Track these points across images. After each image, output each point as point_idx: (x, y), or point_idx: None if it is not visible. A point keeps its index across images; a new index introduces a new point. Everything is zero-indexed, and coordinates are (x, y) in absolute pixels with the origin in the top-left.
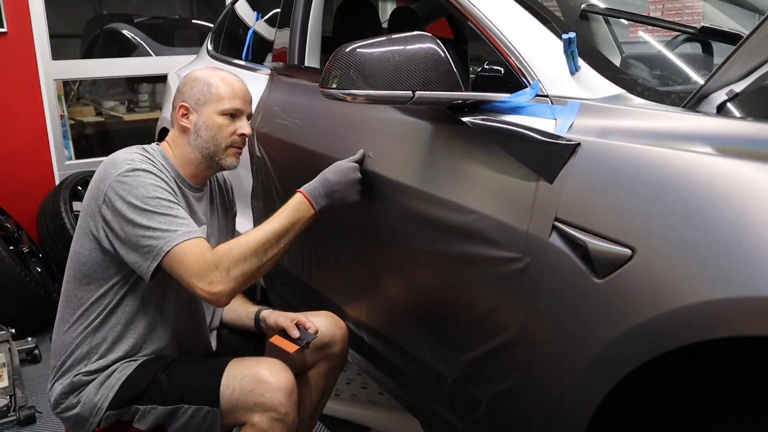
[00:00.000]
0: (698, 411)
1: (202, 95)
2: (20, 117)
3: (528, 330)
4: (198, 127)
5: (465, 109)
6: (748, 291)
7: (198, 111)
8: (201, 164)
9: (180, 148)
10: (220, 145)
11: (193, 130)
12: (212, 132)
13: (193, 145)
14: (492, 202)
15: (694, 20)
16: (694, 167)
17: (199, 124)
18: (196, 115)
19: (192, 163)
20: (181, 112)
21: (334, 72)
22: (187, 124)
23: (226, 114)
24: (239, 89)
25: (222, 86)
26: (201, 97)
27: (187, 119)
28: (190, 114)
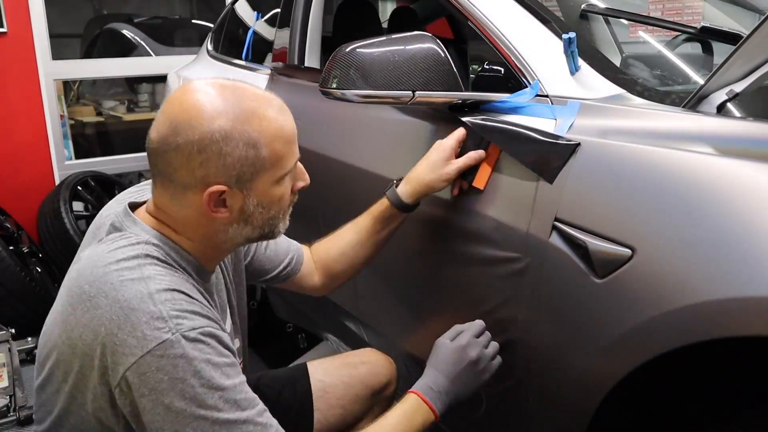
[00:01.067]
0: (698, 411)
1: (247, 164)
2: (20, 117)
3: (528, 330)
4: (248, 213)
5: (465, 109)
6: (748, 291)
7: (244, 190)
8: (238, 247)
9: (200, 238)
10: (277, 220)
11: (238, 218)
12: (272, 211)
13: (235, 236)
14: (492, 202)
15: (694, 20)
16: (694, 167)
17: (249, 209)
18: (241, 198)
19: (223, 252)
20: (212, 201)
21: (334, 72)
22: (225, 215)
23: (284, 176)
24: (290, 128)
25: (273, 137)
26: (245, 168)
27: (224, 205)
28: (227, 197)
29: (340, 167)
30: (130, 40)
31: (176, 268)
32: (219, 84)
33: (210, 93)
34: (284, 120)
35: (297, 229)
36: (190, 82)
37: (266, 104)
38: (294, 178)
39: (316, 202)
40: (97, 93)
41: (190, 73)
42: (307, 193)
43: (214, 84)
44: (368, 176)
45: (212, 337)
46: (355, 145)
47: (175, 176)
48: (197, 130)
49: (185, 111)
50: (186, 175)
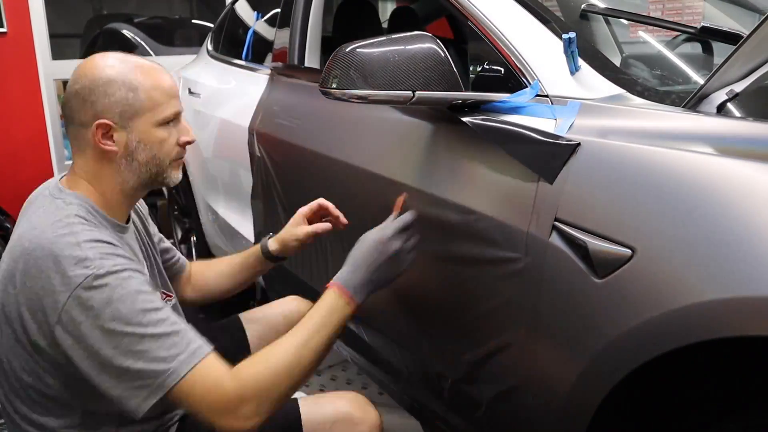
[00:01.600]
0: (698, 411)
1: (129, 104)
2: (20, 117)
3: (528, 330)
4: (131, 148)
5: (465, 109)
6: (748, 291)
7: (126, 127)
8: (137, 192)
9: (107, 182)
10: (164, 164)
11: (124, 153)
12: (153, 151)
13: (127, 172)
14: (492, 202)
15: (694, 20)
16: (694, 167)
17: (132, 144)
18: (124, 134)
19: (128, 195)
20: (100, 132)
21: (334, 72)
22: (113, 147)
23: (165, 123)
24: (171, 85)
25: (152, 87)
26: (127, 108)
27: (112, 140)
28: (114, 132)
29: (340, 167)
30: (130, 40)
31: (96, 222)
32: (116, 52)
33: (106, 56)
34: (163, 76)
35: None
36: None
37: (149, 65)
38: (180, 133)
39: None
40: None
41: (190, 73)
42: (307, 193)
43: (112, 52)
44: (368, 176)
45: (133, 271)
46: (355, 145)
47: (75, 118)
48: (89, 78)
49: (83, 68)
50: (82, 115)
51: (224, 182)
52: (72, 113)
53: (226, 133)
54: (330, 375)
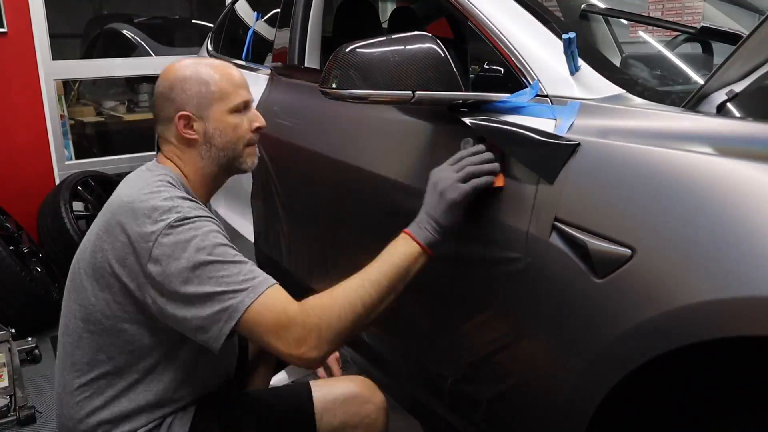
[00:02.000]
0: (698, 411)
1: (203, 97)
2: (20, 117)
3: (528, 330)
4: (209, 135)
5: (465, 109)
6: (748, 291)
7: (203, 117)
8: (218, 177)
9: (191, 165)
10: (239, 148)
11: (204, 140)
12: (228, 136)
13: (207, 158)
14: (492, 202)
15: (694, 20)
16: (694, 167)
17: (209, 131)
18: (202, 123)
19: (209, 179)
20: (181, 123)
21: (334, 72)
22: (194, 136)
23: (237, 111)
24: (239, 77)
25: (221, 79)
26: (202, 100)
27: (192, 130)
28: (193, 122)
29: (340, 167)
30: (130, 40)
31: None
32: (189, 57)
33: (181, 60)
34: (231, 70)
35: (297, 227)
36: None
37: (218, 62)
38: (250, 120)
39: (317, 201)
40: (97, 93)
41: None
42: (307, 193)
43: (188, 57)
44: (368, 176)
45: (213, 222)
46: (355, 145)
47: (161, 115)
48: (169, 80)
49: (164, 73)
50: (167, 110)
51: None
52: (158, 111)
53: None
54: None
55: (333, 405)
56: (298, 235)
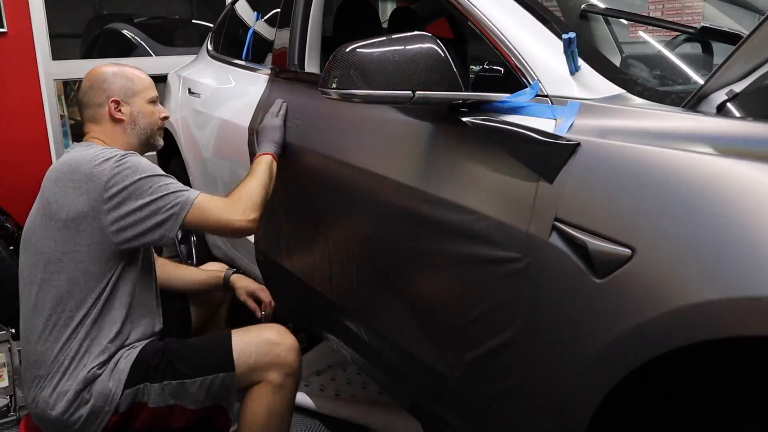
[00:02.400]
0: (698, 411)
1: (129, 88)
2: (20, 117)
3: (528, 330)
4: (134, 116)
5: (465, 109)
6: (748, 291)
7: (129, 103)
8: (138, 150)
9: (117, 140)
10: (154, 129)
11: (129, 120)
12: (147, 119)
13: (131, 134)
14: (492, 202)
15: (694, 20)
16: (694, 167)
17: (134, 113)
18: (128, 107)
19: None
20: (112, 106)
21: (334, 72)
22: (122, 116)
23: (152, 102)
24: (149, 79)
25: (142, 78)
26: (128, 90)
27: (120, 112)
28: (122, 106)
29: (340, 167)
30: (130, 40)
31: None
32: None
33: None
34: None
35: (297, 226)
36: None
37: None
38: (160, 111)
39: (317, 200)
40: None
41: (190, 73)
42: (306, 193)
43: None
44: (368, 176)
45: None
46: (355, 145)
47: (92, 103)
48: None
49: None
50: (98, 98)
51: (224, 182)
52: (89, 99)
53: (226, 133)
54: (330, 375)
55: (248, 347)
56: (297, 235)
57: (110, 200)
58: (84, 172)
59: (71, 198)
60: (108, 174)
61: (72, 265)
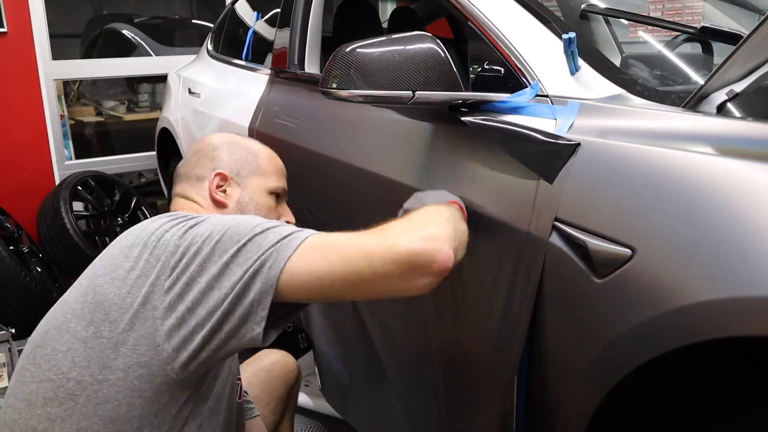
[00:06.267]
0: (698, 411)
1: (247, 164)
2: (20, 117)
3: (527, 330)
4: (243, 204)
5: (465, 109)
6: (748, 291)
7: (241, 183)
8: None
9: None
10: None
11: (235, 207)
12: (262, 212)
13: None
14: (492, 202)
15: (694, 20)
16: (694, 167)
17: (244, 200)
18: (238, 189)
19: None
20: (216, 181)
21: (334, 72)
22: (225, 199)
23: (274, 194)
24: (283, 167)
25: (270, 159)
26: (245, 167)
27: (225, 193)
28: (228, 185)
29: (340, 167)
30: (130, 40)
31: None
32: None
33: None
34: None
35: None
36: None
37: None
38: (282, 213)
39: (317, 201)
40: (97, 93)
41: (190, 73)
42: (307, 193)
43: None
44: (368, 176)
45: None
46: (355, 145)
47: (192, 174)
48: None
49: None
50: (201, 168)
51: None
52: (190, 169)
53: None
54: None
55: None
56: None
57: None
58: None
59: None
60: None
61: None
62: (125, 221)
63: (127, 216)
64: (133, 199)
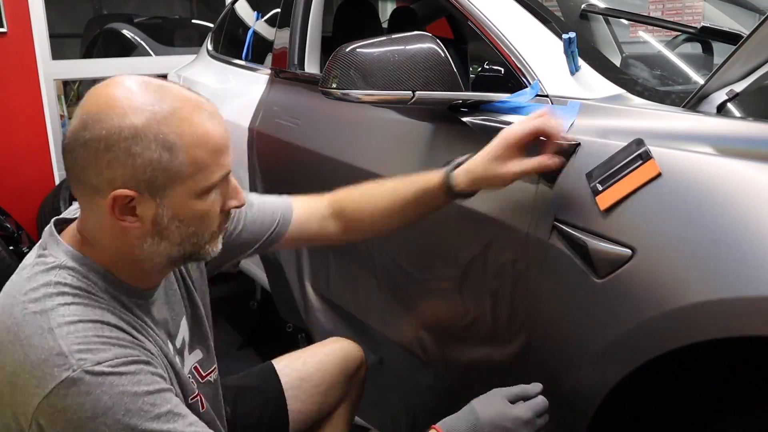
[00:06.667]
0: (698, 411)
1: (160, 169)
2: (20, 117)
3: (527, 330)
4: (162, 226)
5: (465, 109)
6: (748, 291)
7: (156, 198)
8: (164, 268)
9: (123, 258)
10: (203, 240)
11: (150, 230)
12: (191, 228)
13: (150, 252)
14: (492, 202)
15: (694, 20)
16: (694, 167)
17: (163, 221)
18: (153, 207)
19: (152, 272)
20: (117, 205)
21: (334, 72)
22: (135, 224)
23: (209, 190)
24: (218, 134)
25: (195, 143)
26: (158, 173)
27: (134, 215)
28: (136, 204)
29: (340, 167)
30: (130, 40)
31: (92, 293)
32: (143, 80)
33: (129, 87)
34: (212, 126)
35: None
36: (114, 77)
37: (192, 106)
38: (225, 196)
39: None
40: None
41: (190, 73)
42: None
43: (137, 79)
44: (368, 176)
45: (130, 364)
46: (355, 145)
47: (83, 177)
48: (105, 125)
49: (97, 104)
50: (93, 176)
51: None
52: (76, 168)
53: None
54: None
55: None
56: None
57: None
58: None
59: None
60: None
61: None
62: None
63: None
64: None
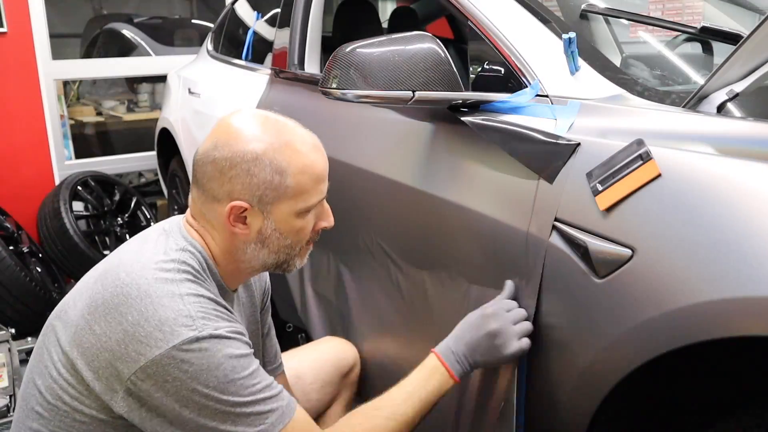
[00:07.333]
0: (698, 411)
1: (271, 188)
2: (20, 117)
3: (528, 330)
4: (265, 236)
5: (465, 109)
6: (748, 291)
7: (264, 212)
8: (255, 273)
9: (228, 255)
10: (293, 252)
11: (256, 237)
12: (288, 240)
13: (253, 257)
14: (492, 202)
15: (694, 20)
16: (694, 167)
17: (266, 231)
18: (260, 219)
19: (245, 273)
20: (233, 215)
21: (334, 72)
22: (244, 231)
23: (307, 211)
24: (322, 166)
25: (300, 170)
26: (268, 192)
27: (244, 224)
28: (249, 214)
29: (340, 167)
30: (130, 40)
31: (205, 278)
32: (264, 114)
33: (253, 120)
34: (315, 158)
35: None
36: (239, 109)
37: (301, 140)
38: (317, 217)
39: None
40: (97, 93)
41: (190, 73)
42: None
43: (259, 114)
44: (368, 176)
45: (234, 333)
46: (355, 145)
47: (207, 186)
48: (232, 149)
49: (227, 132)
50: (216, 187)
51: None
52: (203, 179)
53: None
54: None
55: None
56: None
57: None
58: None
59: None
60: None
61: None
62: (125, 221)
63: (126, 216)
64: (132, 199)
